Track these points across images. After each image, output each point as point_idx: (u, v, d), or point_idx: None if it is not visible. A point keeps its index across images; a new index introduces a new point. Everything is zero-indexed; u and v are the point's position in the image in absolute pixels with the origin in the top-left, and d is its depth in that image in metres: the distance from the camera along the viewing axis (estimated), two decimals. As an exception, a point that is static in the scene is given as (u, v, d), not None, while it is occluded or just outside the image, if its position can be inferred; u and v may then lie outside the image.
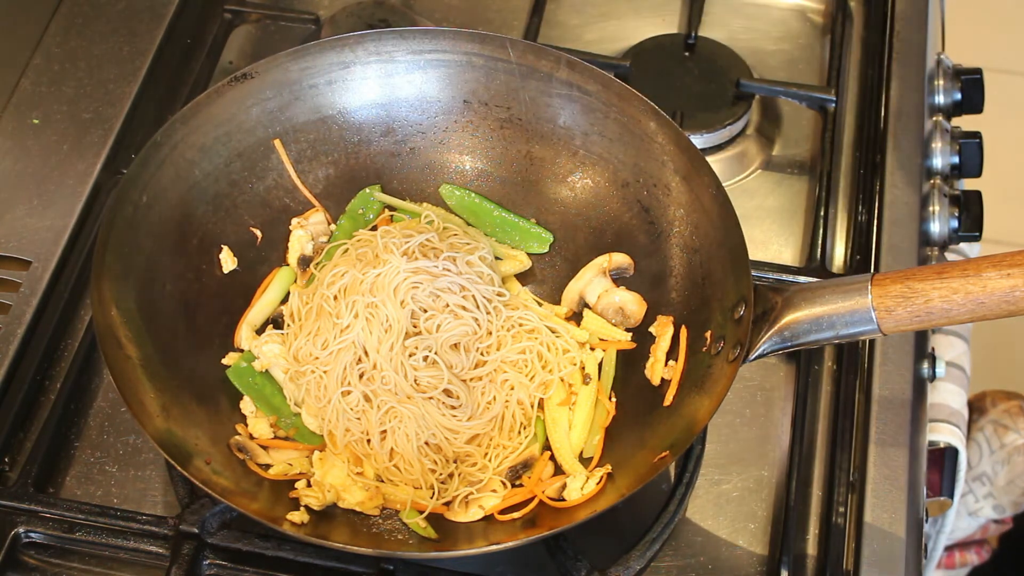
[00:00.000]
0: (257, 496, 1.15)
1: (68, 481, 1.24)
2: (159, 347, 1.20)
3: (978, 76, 1.57)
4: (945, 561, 1.80)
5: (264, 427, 1.23)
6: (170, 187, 1.27)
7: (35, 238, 1.36)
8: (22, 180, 1.41)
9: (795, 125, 1.55)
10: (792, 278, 1.35)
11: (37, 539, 1.18)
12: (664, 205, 1.28)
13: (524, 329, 1.25)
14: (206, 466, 1.13)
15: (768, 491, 1.25)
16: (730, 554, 1.22)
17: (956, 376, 1.45)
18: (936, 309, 1.06)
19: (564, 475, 1.19)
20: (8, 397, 1.26)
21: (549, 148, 1.35)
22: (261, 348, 1.25)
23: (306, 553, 1.16)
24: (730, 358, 1.14)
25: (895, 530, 1.20)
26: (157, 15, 1.56)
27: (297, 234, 1.33)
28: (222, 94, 1.30)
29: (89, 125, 1.46)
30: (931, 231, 1.44)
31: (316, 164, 1.36)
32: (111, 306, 1.17)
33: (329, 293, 1.25)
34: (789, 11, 1.67)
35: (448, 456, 1.21)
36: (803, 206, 1.47)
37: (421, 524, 1.16)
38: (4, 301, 1.31)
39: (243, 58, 1.58)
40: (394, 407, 1.19)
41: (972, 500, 1.71)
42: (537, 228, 1.35)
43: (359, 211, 1.35)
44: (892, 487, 1.22)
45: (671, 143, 1.27)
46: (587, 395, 1.23)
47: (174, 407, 1.17)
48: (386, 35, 1.34)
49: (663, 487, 1.22)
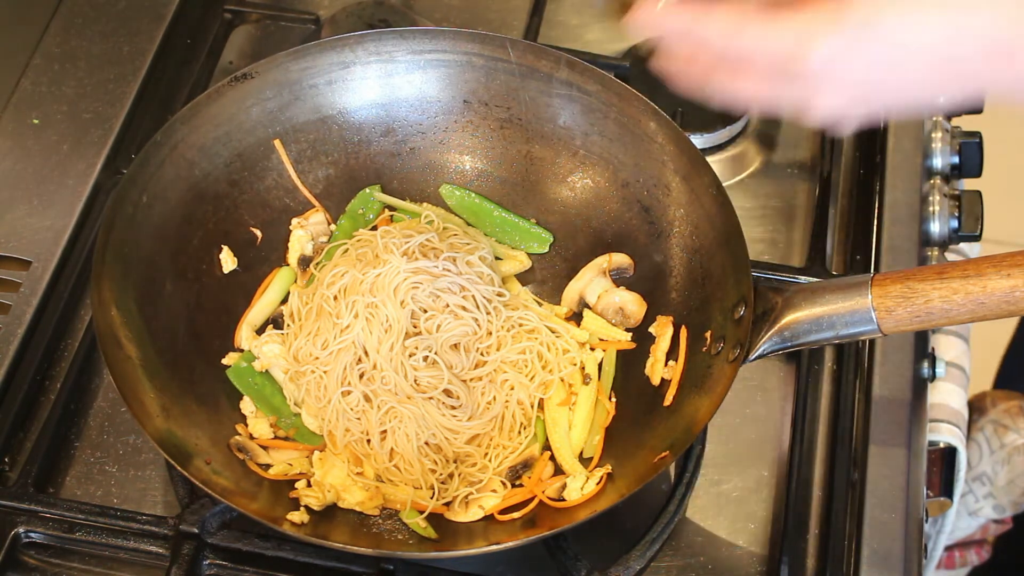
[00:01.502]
0: (257, 496, 1.15)
1: (68, 481, 1.24)
2: (159, 347, 1.20)
3: (978, 76, 1.57)
4: (945, 561, 1.80)
5: (264, 427, 1.23)
6: (170, 187, 1.27)
7: (35, 238, 1.36)
8: (22, 180, 1.41)
9: (795, 125, 1.55)
10: (792, 278, 1.35)
11: (37, 539, 1.18)
12: (664, 205, 1.28)
13: (524, 329, 1.25)
14: (206, 466, 1.13)
15: (768, 491, 1.25)
16: (730, 554, 1.22)
17: (956, 376, 1.45)
18: (936, 309, 1.06)
19: (564, 475, 1.19)
20: (8, 397, 1.26)
21: (549, 148, 1.35)
22: (261, 348, 1.25)
23: (306, 553, 1.16)
24: (730, 358, 1.14)
25: (895, 530, 1.20)
26: (157, 15, 1.56)
27: (297, 234, 1.33)
28: (222, 94, 1.30)
29: (89, 125, 1.46)
30: (931, 231, 1.44)
31: (316, 164, 1.36)
32: (111, 306, 1.17)
33: (329, 293, 1.25)
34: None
35: (448, 456, 1.20)
36: (803, 206, 1.47)
37: (421, 524, 1.16)
38: (4, 301, 1.31)
39: (243, 58, 1.58)
40: (394, 407, 1.19)
41: (972, 500, 1.70)
42: (537, 228, 1.35)
43: (359, 211, 1.35)
44: (892, 487, 1.22)
45: (671, 143, 1.27)
46: (587, 395, 1.23)
47: (174, 407, 1.17)
48: (386, 35, 1.34)
49: (663, 487, 1.22)
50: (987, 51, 0.88)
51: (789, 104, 0.92)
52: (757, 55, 0.91)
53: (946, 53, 0.88)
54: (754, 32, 0.91)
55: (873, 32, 0.87)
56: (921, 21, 0.87)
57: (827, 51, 0.88)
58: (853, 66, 0.89)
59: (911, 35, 0.88)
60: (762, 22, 0.90)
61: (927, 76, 0.90)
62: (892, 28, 0.87)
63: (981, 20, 0.87)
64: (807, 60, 0.89)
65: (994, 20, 0.87)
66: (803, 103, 0.91)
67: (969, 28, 0.88)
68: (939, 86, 0.91)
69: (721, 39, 0.93)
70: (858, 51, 0.88)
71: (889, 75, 0.90)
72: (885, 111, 1.02)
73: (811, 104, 0.91)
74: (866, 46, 0.88)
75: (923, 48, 0.88)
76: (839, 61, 0.88)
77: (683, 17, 0.94)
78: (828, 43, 0.88)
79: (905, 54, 0.88)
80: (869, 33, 0.87)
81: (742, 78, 0.93)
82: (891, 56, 0.89)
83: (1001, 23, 0.87)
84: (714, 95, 0.95)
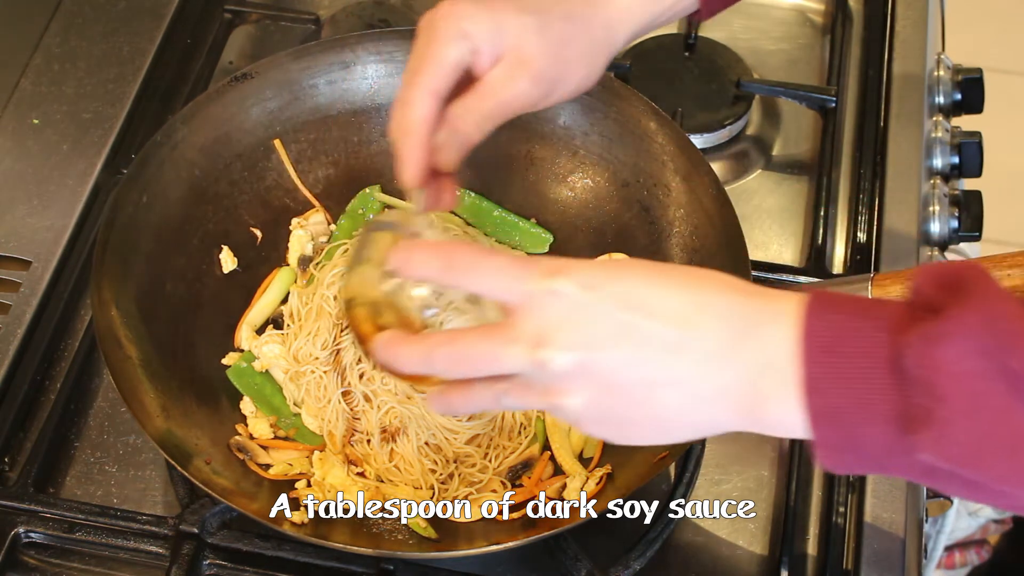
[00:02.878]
0: (257, 496, 1.15)
1: (68, 481, 1.24)
2: (159, 347, 1.20)
3: (978, 76, 1.57)
4: (945, 561, 1.80)
5: (264, 427, 1.23)
6: (170, 187, 1.27)
7: (35, 238, 1.36)
8: (22, 180, 1.41)
9: (795, 125, 1.55)
10: (792, 278, 1.35)
11: (37, 539, 1.18)
12: (664, 205, 1.28)
13: (524, 329, 1.25)
14: (206, 466, 1.13)
15: (768, 491, 1.25)
16: (730, 554, 1.22)
17: (956, 376, 1.44)
18: (936, 309, 1.06)
19: (564, 475, 1.19)
20: (8, 397, 1.26)
21: (549, 148, 1.35)
22: (261, 348, 1.25)
23: (306, 553, 1.16)
24: (730, 358, 1.13)
25: (895, 530, 1.20)
26: (157, 15, 1.56)
27: (297, 234, 1.33)
28: (222, 94, 1.30)
29: (89, 125, 1.46)
30: (931, 231, 1.44)
31: (316, 164, 1.36)
32: (111, 306, 1.17)
33: (329, 293, 1.25)
34: (789, 11, 1.67)
35: (448, 456, 1.20)
36: (803, 206, 1.47)
37: (421, 524, 1.16)
38: (4, 301, 1.31)
39: (243, 58, 1.58)
40: (394, 407, 1.19)
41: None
42: (537, 228, 1.35)
43: (359, 211, 1.35)
44: (892, 487, 1.22)
45: (671, 143, 1.27)
46: (587, 395, 1.23)
47: (174, 407, 1.17)
48: (386, 35, 1.34)
49: (663, 487, 1.22)
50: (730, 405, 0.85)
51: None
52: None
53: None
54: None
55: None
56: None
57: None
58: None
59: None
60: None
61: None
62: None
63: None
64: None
65: (736, 374, 0.83)
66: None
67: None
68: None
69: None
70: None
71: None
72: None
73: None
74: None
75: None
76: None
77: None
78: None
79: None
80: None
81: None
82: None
83: (741, 375, 0.83)
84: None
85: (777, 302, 0.84)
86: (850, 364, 0.79)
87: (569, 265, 0.86)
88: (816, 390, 0.80)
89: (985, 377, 0.76)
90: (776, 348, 0.82)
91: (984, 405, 0.76)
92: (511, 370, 0.87)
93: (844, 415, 0.80)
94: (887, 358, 0.78)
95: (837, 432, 0.80)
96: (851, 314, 0.81)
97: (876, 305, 0.82)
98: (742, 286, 0.86)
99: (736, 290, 0.86)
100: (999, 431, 0.76)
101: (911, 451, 0.78)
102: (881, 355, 0.78)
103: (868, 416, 0.79)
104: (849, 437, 0.80)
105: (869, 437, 0.79)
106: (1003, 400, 0.76)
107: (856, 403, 0.79)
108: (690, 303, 0.85)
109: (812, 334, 0.81)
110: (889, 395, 0.78)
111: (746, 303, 0.85)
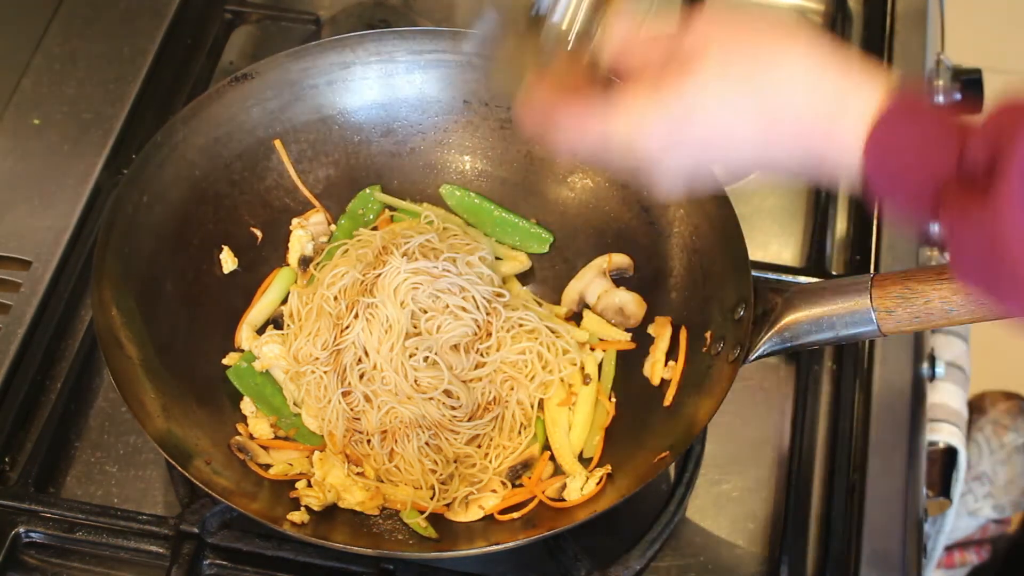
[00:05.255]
0: (257, 496, 1.15)
1: (68, 481, 1.24)
2: (159, 347, 1.20)
3: (978, 76, 1.57)
4: (945, 561, 1.80)
5: (264, 427, 1.23)
6: (170, 187, 1.27)
7: (35, 238, 1.36)
8: (22, 180, 1.41)
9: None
10: (792, 278, 1.35)
11: (37, 539, 1.18)
12: (664, 205, 1.28)
13: (524, 330, 1.25)
14: (206, 466, 1.13)
15: (768, 491, 1.25)
16: (730, 554, 1.22)
17: (956, 376, 1.45)
18: (936, 310, 1.06)
19: (564, 475, 1.19)
20: (8, 397, 1.26)
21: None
22: (261, 348, 1.25)
23: (306, 553, 1.16)
24: (730, 358, 1.14)
25: (895, 530, 1.20)
26: (157, 15, 1.56)
27: (297, 234, 1.33)
28: (222, 94, 1.30)
29: (89, 125, 1.46)
30: (931, 231, 1.44)
31: (316, 164, 1.36)
32: (111, 306, 1.17)
33: (329, 293, 1.25)
34: (789, 11, 1.67)
35: (448, 456, 1.21)
36: (803, 206, 1.47)
37: (421, 524, 1.16)
38: (4, 301, 1.32)
39: (243, 58, 1.58)
40: (394, 407, 1.19)
41: (972, 500, 1.71)
42: (537, 228, 1.35)
43: (359, 211, 1.35)
44: (892, 487, 1.22)
45: (671, 143, 1.27)
46: (587, 395, 1.23)
47: (174, 407, 1.17)
48: (386, 35, 1.34)
49: (663, 487, 1.22)
50: (805, 132, 0.91)
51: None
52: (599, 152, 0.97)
53: (763, 138, 0.92)
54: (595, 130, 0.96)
55: (696, 119, 0.93)
56: (739, 107, 0.92)
57: (655, 143, 0.94)
58: (680, 152, 0.94)
59: (731, 122, 0.92)
60: (600, 118, 0.95)
61: (751, 154, 0.94)
62: (714, 115, 0.92)
63: (797, 102, 0.91)
64: (640, 151, 0.95)
65: (809, 102, 0.90)
66: (646, 182, 0.97)
67: (785, 109, 0.91)
68: (764, 163, 0.96)
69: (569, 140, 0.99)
70: (684, 139, 0.94)
71: (717, 155, 0.95)
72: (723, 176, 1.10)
73: (653, 183, 0.97)
74: (691, 132, 0.93)
75: (744, 135, 0.93)
76: (668, 149, 0.94)
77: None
78: (656, 134, 0.94)
79: (727, 139, 0.93)
80: (692, 120, 0.93)
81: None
82: (715, 140, 0.94)
83: (817, 103, 0.90)
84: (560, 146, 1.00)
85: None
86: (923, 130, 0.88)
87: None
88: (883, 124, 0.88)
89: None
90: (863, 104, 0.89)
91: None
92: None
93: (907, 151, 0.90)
94: (959, 130, 0.86)
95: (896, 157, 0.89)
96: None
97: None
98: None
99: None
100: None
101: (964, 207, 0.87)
102: (954, 124, 0.87)
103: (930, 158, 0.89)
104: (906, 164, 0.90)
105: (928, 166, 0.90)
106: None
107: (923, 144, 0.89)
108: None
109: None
110: (954, 152, 0.87)
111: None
